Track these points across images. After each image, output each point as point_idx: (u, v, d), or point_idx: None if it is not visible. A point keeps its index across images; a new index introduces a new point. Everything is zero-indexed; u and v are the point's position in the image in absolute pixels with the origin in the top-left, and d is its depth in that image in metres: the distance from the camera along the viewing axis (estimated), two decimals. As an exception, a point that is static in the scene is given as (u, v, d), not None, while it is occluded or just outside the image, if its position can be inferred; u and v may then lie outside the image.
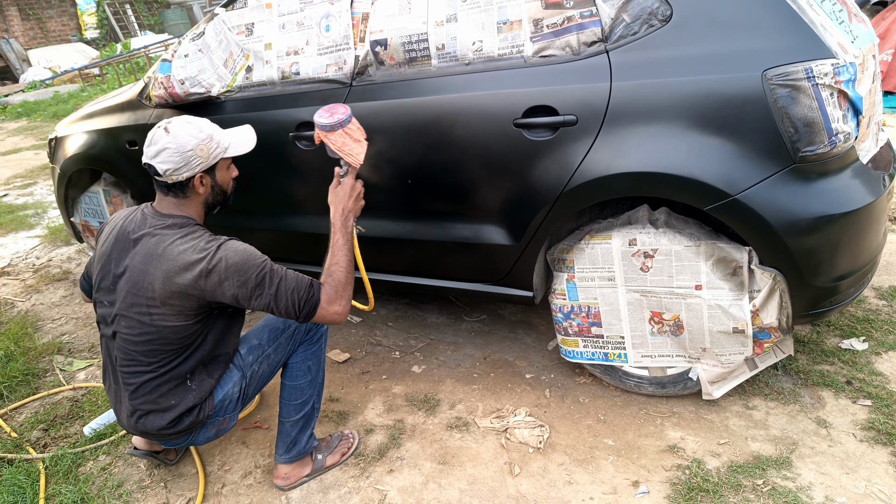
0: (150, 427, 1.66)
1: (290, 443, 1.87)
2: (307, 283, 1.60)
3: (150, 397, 1.64)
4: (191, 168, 1.59)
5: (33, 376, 2.62)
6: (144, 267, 1.57)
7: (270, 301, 1.56)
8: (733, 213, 1.67)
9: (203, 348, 1.66)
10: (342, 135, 1.71)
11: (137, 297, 1.57)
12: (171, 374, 1.63)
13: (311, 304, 1.59)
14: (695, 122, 1.66)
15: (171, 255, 1.55)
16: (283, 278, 1.58)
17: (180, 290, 1.54)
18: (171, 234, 1.58)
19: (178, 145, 1.56)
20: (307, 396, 1.88)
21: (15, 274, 3.78)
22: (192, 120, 1.62)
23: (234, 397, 1.77)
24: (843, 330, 2.39)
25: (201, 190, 1.66)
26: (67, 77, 11.68)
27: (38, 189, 5.63)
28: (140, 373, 1.62)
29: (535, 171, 1.90)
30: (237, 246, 1.57)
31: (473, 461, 1.94)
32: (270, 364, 1.83)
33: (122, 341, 1.62)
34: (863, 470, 1.76)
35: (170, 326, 1.57)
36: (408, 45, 2.05)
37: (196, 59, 2.41)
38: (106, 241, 1.69)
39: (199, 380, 1.68)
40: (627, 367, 2.11)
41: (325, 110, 1.73)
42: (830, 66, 1.54)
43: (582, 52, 1.81)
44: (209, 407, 1.71)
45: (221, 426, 1.79)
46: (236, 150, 1.70)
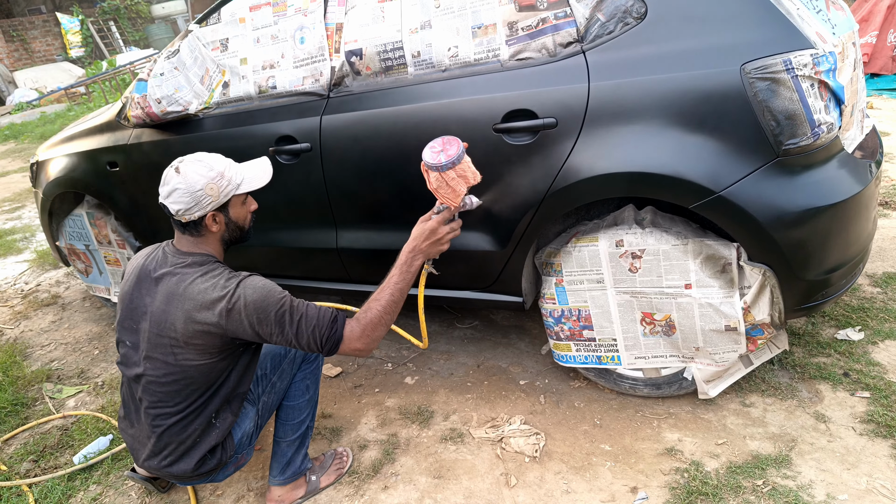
0: (176, 471, 1.64)
1: (285, 463, 1.84)
2: (329, 319, 1.57)
3: (177, 439, 1.61)
4: (202, 207, 1.58)
5: (22, 406, 2.58)
6: (166, 307, 1.55)
7: (292, 338, 1.55)
8: (719, 209, 1.64)
9: (227, 385, 1.64)
10: (439, 178, 1.59)
11: (161, 338, 1.56)
12: (198, 413, 1.61)
13: (334, 340, 1.57)
14: (675, 120, 1.63)
15: (192, 294, 1.54)
16: (304, 315, 1.55)
17: (202, 330, 1.52)
18: (191, 273, 1.57)
19: (188, 185, 1.55)
20: (304, 415, 1.86)
21: (3, 300, 3.74)
22: (204, 158, 1.60)
23: (251, 432, 1.76)
24: (839, 320, 2.37)
25: (215, 228, 1.64)
26: (54, 97, 11.63)
27: (27, 212, 5.59)
28: (168, 414, 1.59)
29: (518, 175, 1.87)
30: (257, 283, 1.55)
31: (469, 474, 1.91)
32: (277, 392, 1.83)
33: (148, 383, 1.60)
34: (864, 465, 1.73)
35: (195, 366, 1.56)
36: (383, 53, 2.02)
37: (172, 77, 2.38)
38: (128, 281, 1.68)
39: (222, 417, 1.66)
40: (621, 369, 2.08)
41: (440, 143, 1.59)
42: (809, 56, 1.51)
43: (558, 53, 1.78)
44: (230, 447, 1.69)
45: (240, 462, 1.78)
46: (249, 186, 1.66)
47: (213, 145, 2.38)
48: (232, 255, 1.79)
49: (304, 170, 2.21)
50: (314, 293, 2.55)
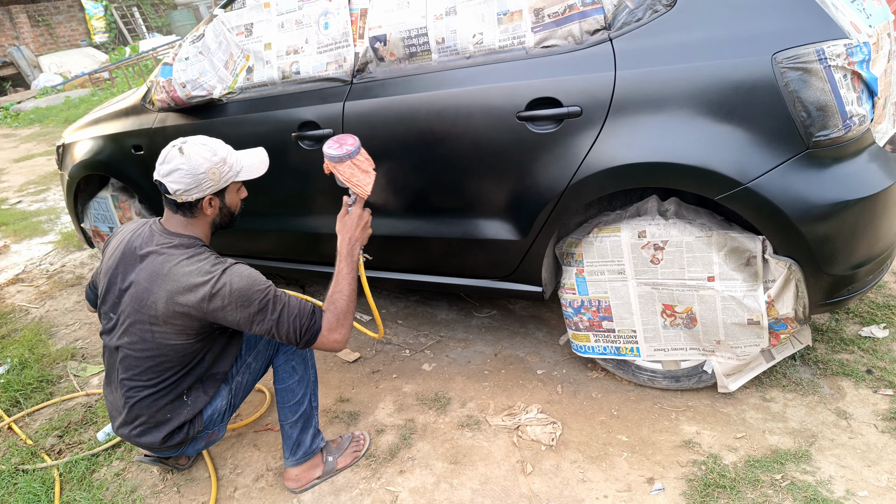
0: (144, 442, 1.71)
1: (293, 445, 1.87)
2: (309, 310, 1.61)
3: (148, 412, 1.67)
4: (201, 190, 1.60)
5: (48, 382, 2.64)
6: (149, 285, 1.58)
7: (272, 326, 1.57)
8: (745, 201, 1.62)
9: (202, 366, 1.70)
10: (351, 166, 1.73)
11: (140, 315, 1.59)
12: (170, 389, 1.66)
13: (313, 331, 1.61)
14: (703, 110, 1.61)
15: (176, 275, 1.56)
16: (286, 305, 1.59)
17: (183, 311, 1.56)
18: (177, 255, 1.59)
19: (191, 167, 1.57)
20: (300, 396, 1.86)
21: (29, 280, 3.82)
22: (208, 142, 1.63)
23: (222, 411, 1.80)
24: (863, 317, 2.33)
25: (209, 211, 1.67)
26: (78, 82, 11.77)
27: (51, 195, 5.68)
28: (141, 387, 1.65)
29: (541, 164, 1.86)
30: (242, 271, 1.58)
31: (485, 460, 1.92)
32: (252, 372, 1.86)
33: (124, 356, 1.65)
34: (885, 462, 1.71)
35: (171, 344, 1.60)
36: (407, 39, 2.01)
37: (197, 61, 2.39)
38: (113, 255, 1.71)
39: (194, 396, 1.72)
40: (640, 361, 2.07)
41: (334, 141, 1.75)
42: (843, 46, 1.48)
43: (585, 41, 1.76)
44: (199, 424, 1.74)
45: (211, 438, 1.83)
46: (248, 175, 1.70)
47: (236, 130, 2.41)
48: (249, 240, 1.83)
49: (327, 155, 2.21)
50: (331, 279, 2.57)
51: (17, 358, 2.81)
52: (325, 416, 2.22)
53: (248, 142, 2.40)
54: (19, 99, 11.46)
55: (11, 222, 4.90)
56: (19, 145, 8.40)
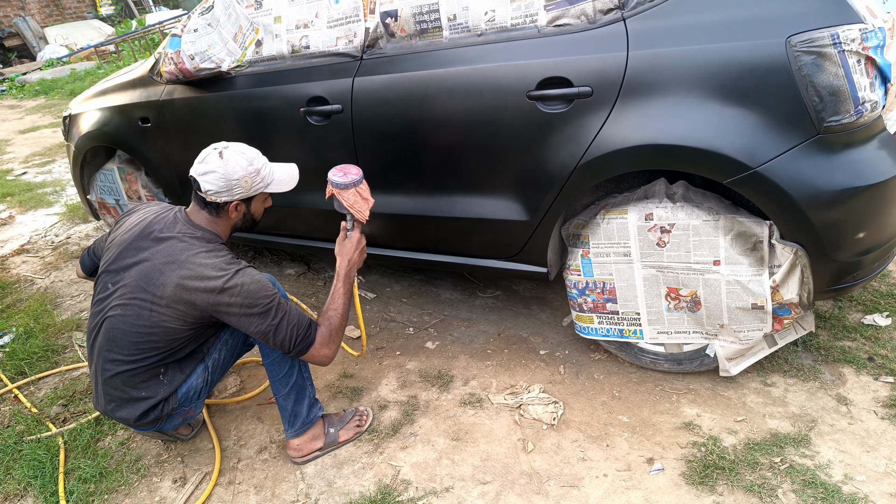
0: (119, 416, 1.74)
1: (290, 416, 1.89)
2: (307, 322, 1.69)
3: (123, 388, 1.70)
4: (231, 195, 1.69)
5: (52, 352, 2.66)
6: (163, 267, 1.63)
7: (270, 331, 1.64)
8: (754, 186, 1.62)
9: (183, 351, 1.75)
10: (354, 193, 1.82)
11: (145, 292, 1.63)
12: (148, 368, 1.70)
13: (307, 342, 1.68)
14: (715, 92, 1.60)
15: (192, 264, 1.62)
16: (287, 313, 1.66)
17: (189, 300, 1.61)
18: (198, 246, 1.66)
19: (227, 172, 1.65)
20: (287, 368, 1.86)
21: (34, 251, 3.84)
22: (247, 151, 1.70)
23: (198, 388, 1.83)
24: (867, 305, 2.34)
25: (234, 215, 1.76)
26: (84, 54, 11.69)
27: (57, 167, 5.68)
28: (119, 361, 1.67)
29: (550, 144, 1.86)
30: (253, 275, 1.65)
31: (487, 437, 1.94)
32: (230, 349, 1.88)
33: (112, 327, 1.67)
34: (884, 448, 1.73)
35: (165, 327, 1.64)
36: (418, 15, 2.00)
37: (205, 33, 2.38)
38: (131, 230, 1.75)
39: (171, 374, 1.76)
40: (643, 343, 2.09)
41: (339, 170, 1.85)
42: (858, 31, 1.47)
43: (598, 20, 1.75)
44: (173, 401, 1.77)
45: (188, 414, 1.86)
46: (277, 188, 1.78)
47: (245, 104, 2.41)
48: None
49: (335, 131, 2.21)
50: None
51: (23, 327, 2.84)
52: (329, 392, 2.25)
53: (256, 116, 2.40)
54: (25, 70, 11.39)
55: (17, 193, 4.91)
56: (24, 117, 8.37)
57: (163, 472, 1.95)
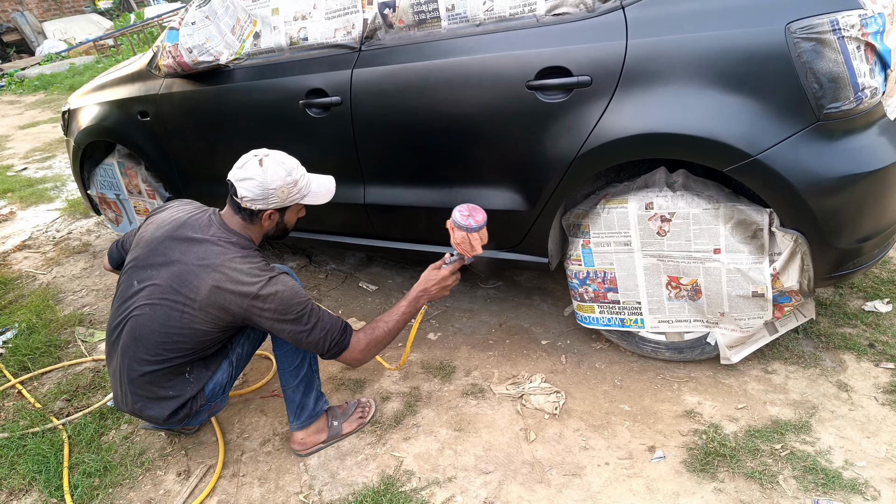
0: (146, 416, 1.74)
1: (297, 408, 1.90)
2: (341, 326, 1.71)
3: (150, 388, 1.70)
4: (266, 203, 1.67)
5: (55, 347, 2.67)
6: (198, 269, 1.62)
7: (303, 336, 1.65)
8: (754, 173, 1.61)
9: (209, 351, 1.75)
10: (464, 237, 1.80)
11: (177, 294, 1.62)
12: (174, 368, 1.69)
13: (341, 346, 1.71)
14: (714, 80, 1.60)
15: (228, 269, 1.62)
16: (320, 319, 1.67)
17: (223, 304, 1.61)
18: (233, 251, 1.66)
19: (265, 181, 1.63)
20: (299, 360, 1.88)
21: (36, 247, 3.85)
22: (286, 161, 1.69)
23: (224, 383, 1.83)
24: (867, 292, 2.34)
25: (267, 223, 1.74)
26: (83, 49, 11.66)
27: (57, 162, 5.68)
28: (146, 361, 1.67)
29: (549, 134, 1.85)
30: (287, 281, 1.65)
31: (489, 427, 1.95)
32: (251, 341, 1.88)
33: (138, 325, 1.66)
34: (884, 434, 1.74)
35: (195, 328, 1.64)
36: (416, 6, 1.99)
37: (203, 26, 2.37)
38: (162, 227, 1.74)
39: (197, 373, 1.76)
40: (644, 332, 2.09)
41: (467, 209, 1.81)
42: (857, 17, 1.46)
43: (596, 8, 1.74)
44: (201, 398, 1.77)
45: (213, 409, 1.87)
46: (312, 200, 1.77)
47: (243, 97, 2.40)
48: None
49: (334, 124, 2.21)
50: (341, 248, 2.58)
51: (25, 323, 2.85)
52: (331, 384, 2.26)
53: (255, 109, 2.40)
54: (24, 65, 11.38)
55: (17, 189, 4.92)
56: (24, 112, 8.37)
57: (167, 466, 1.97)
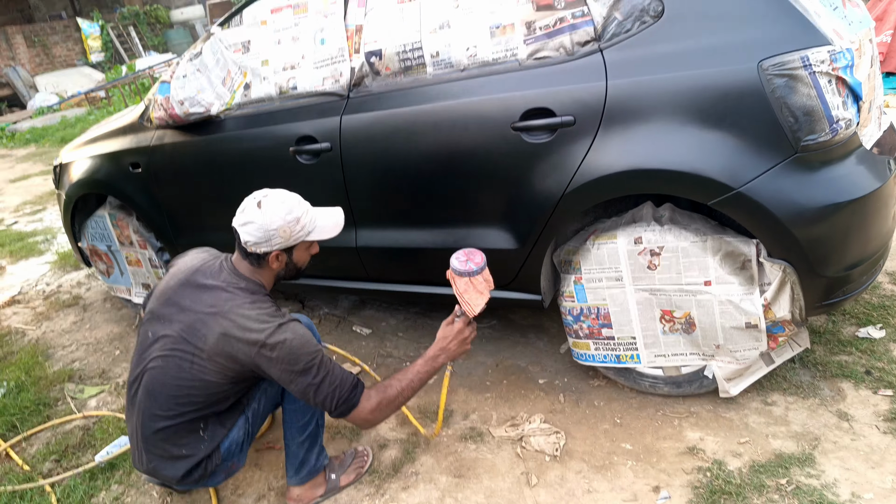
0: (161, 476, 1.68)
1: (298, 463, 1.86)
2: (351, 383, 1.62)
3: (163, 446, 1.65)
4: (270, 245, 1.64)
5: (45, 405, 2.62)
6: (206, 318, 1.60)
7: (310, 391, 1.58)
8: (738, 206, 1.64)
9: (223, 405, 1.69)
10: (467, 283, 1.71)
11: (187, 343, 1.60)
12: (187, 423, 1.64)
13: (349, 405, 1.62)
14: (694, 117, 1.64)
15: (236, 316, 1.58)
16: (330, 372, 1.60)
17: (231, 353, 1.57)
18: (241, 296, 1.63)
19: (264, 223, 1.61)
20: (309, 417, 1.85)
21: (26, 302, 3.81)
22: (287, 200, 1.65)
23: (240, 440, 1.77)
24: (860, 318, 2.35)
25: (275, 265, 1.70)
26: (74, 101, 11.81)
27: (48, 215, 5.68)
28: (159, 417, 1.63)
29: (536, 173, 1.88)
30: (297, 329, 1.60)
31: (489, 472, 1.92)
32: (269, 398, 1.83)
33: (151, 380, 1.63)
34: (889, 463, 1.72)
35: (205, 380, 1.60)
36: (402, 53, 2.04)
37: (194, 78, 2.41)
38: (176, 275, 1.73)
39: (211, 430, 1.70)
40: (641, 367, 2.08)
41: (463, 254, 1.74)
42: (826, 52, 1.51)
43: (576, 52, 1.79)
44: (216, 458, 1.71)
45: (231, 469, 1.80)
46: (319, 236, 1.72)
47: (234, 146, 2.43)
48: None
49: (324, 169, 2.23)
50: (334, 292, 2.57)
51: (14, 381, 2.79)
52: (328, 432, 2.21)
53: (246, 157, 2.42)
54: (15, 119, 11.47)
55: (7, 243, 4.89)
56: (15, 165, 8.40)
57: (160, 524, 1.91)
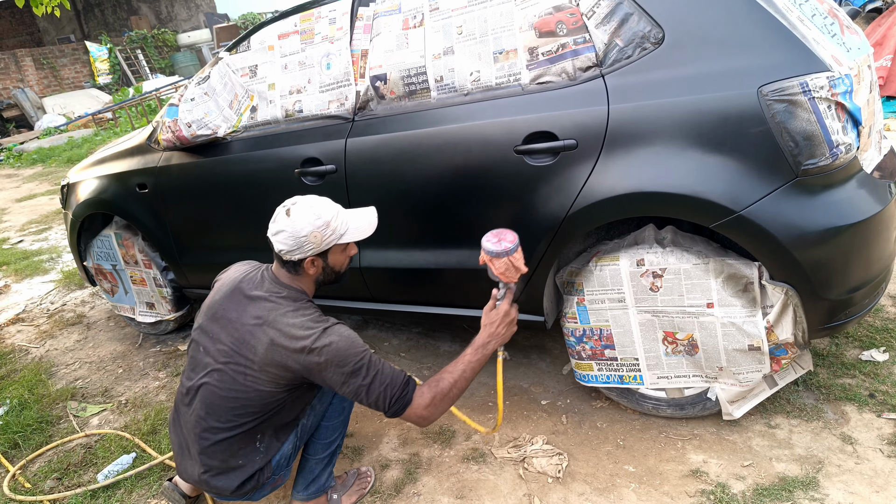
0: (215, 488, 1.69)
1: (311, 480, 1.86)
2: (402, 381, 1.61)
3: (221, 456, 1.66)
4: (303, 252, 1.65)
5: (47, 423, 2.62)
6: (254, 329, 1.62)
7: (362, 392, 1.58)
8: (739, 229, 1.66)
9: (280, 415, 1.70)
10: (506, 263, 1.67)
11: (238, 356, 1.62)
12: (245, 434, 1.66)
13: (402, 402, 1.60)
14: (695, 141, 1.66)
15: (281, 325, 1.60)
16: (380, 371, 1.59)
17: (281, 362, 1.58)
18: (285, 305, 1.64)
19: (294, 230, 1.62)
20: (336, 435, 1.88)
21: (29, 320, 3.83)
22: (315, 205, 1.66)
23: (288, 455, 1.79)
24: (863, 341, 2.35)
25: (312, 271, 1.71)
26: (81, 122, 11.95)
27: (53, 234, 5.72)
28: (216, 430, 1.64)
29: (539, 196, 1.90)
30: (342, 331, 1.60)
31: (491, 494, 1.91)
32: (317, 414, 1.84)
33: (209, 393, 1.65)
34: (893, 487, 1.71)
35: (259, 390, 1.61)
36: (407, 78, 2.08)
37: (202, 102, 2.46)
38: (220, 290, 1.76)
39: (267, 443, 1.71)
40: (644, 389, 2.08)
41: (494, 235, 1.70)
42: (825, 78, 1.54)
43: (578, 77, 1.82)
44: (268, 470, 1.73)
45: (276, 483, 1.80)
46: (352, 237, 1.72)
47: (240, 167, 2.47)
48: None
49: (329, 191, 2.25)
50: (336, 312, 2.58)
51: (17, 399, 2.80)
52: (329, 451, 2.21)
53: (252, 179, 2.46)
54: (22, 140, 11.61)
55: (13, 262, 4.93)
56: (21, 185, 8.48)
57: (160, 545, 1.90)
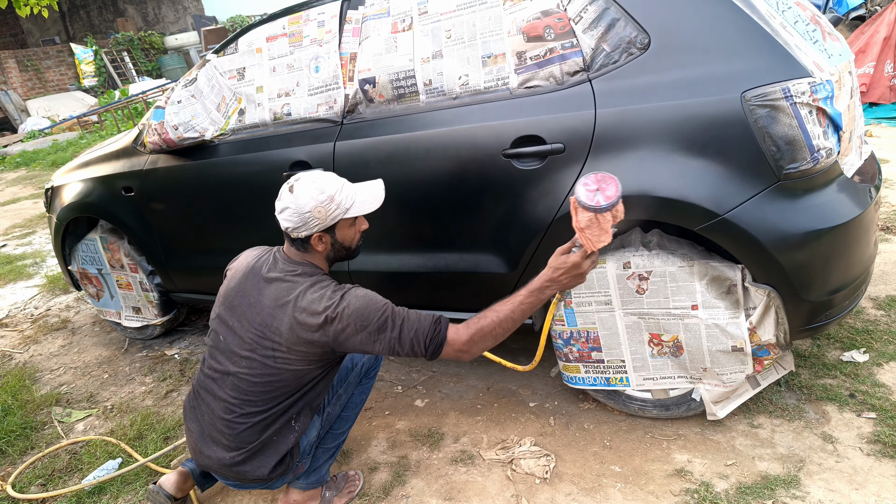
0: (246, 469, 1.66)
1: (313, 469, 1.87)
2: (431, 322, 1.59)
3: (256, 437, 1.64)
4: (309, 228, 1.64)
5: (31, 430, 2.59)
6: (273, 311, 1.61)
7: (395, 343, 1.57)
8: (723, 232, 1.69)
9: (313, 392, 1.70)
10: (591, 219, 1.45)
11: (264, 340, 1.61)
12: (280, 415, 1.66)
13: (437, 341, 1.58)
14: (680, 146, 1.69)
15: (301, 303, 1.59)
16: (406, 319, 1.58)
17: (307, 338, 1.58)
18: (301, 282, 1.63)
19: (297, 206, 1.61)
20: (347, 426, 1.93)
21: (13, 325, 3.78)
22: (318, 179, 1.64)
23: (314, 442, 1.81)
24: (844, 342, 2.39)
25: (320, 247, 1.70)
26: (66, 125, 11.82)
27: (37, 238, 5.65)
28: (253, 413, 1.63)
29: (527, 199, 1.92)
30: (359, 292, 1.60)
31: (480, 495, 1.92)
32: (341, 403, 1.87)
33: (239, 380, 1.64)
34: (872, 485, 1.74)
35: (292, 370, 1.62)
36: (396, 81, 2.09)
37: (189, 104, 2.45)
38: (235, 277, 1.75)
39: (302, 421, 1.71)
40: (630, 390, 2.10)
41: (595, 181, 1.45)
42: (807, 84, 1.58)
43: (565, 81, 1.85)
44: (297, 454, 1.73)
45: (298, 471, 1.81)
46: (358, 211, 1.69)
47: (228, 171, 2.46)
48: None
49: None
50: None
51: (0, 405, 2.76)
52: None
53: (239, 182, 2.45)
54: (6, 143, 11.46)
55: (-4, 266, 4.86)
56: (5, 189, 8.37)
57: (147, 549, 1.89)
